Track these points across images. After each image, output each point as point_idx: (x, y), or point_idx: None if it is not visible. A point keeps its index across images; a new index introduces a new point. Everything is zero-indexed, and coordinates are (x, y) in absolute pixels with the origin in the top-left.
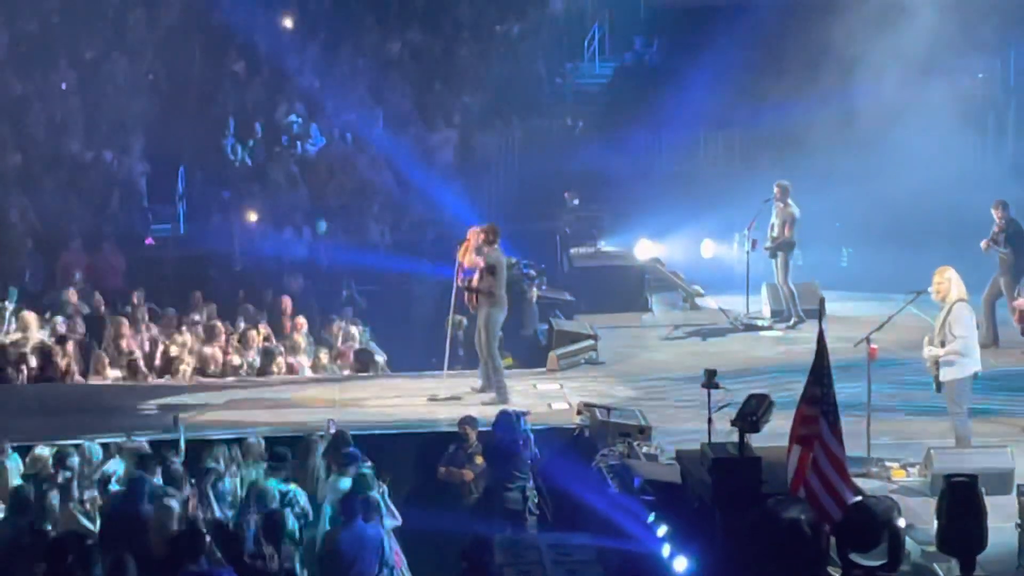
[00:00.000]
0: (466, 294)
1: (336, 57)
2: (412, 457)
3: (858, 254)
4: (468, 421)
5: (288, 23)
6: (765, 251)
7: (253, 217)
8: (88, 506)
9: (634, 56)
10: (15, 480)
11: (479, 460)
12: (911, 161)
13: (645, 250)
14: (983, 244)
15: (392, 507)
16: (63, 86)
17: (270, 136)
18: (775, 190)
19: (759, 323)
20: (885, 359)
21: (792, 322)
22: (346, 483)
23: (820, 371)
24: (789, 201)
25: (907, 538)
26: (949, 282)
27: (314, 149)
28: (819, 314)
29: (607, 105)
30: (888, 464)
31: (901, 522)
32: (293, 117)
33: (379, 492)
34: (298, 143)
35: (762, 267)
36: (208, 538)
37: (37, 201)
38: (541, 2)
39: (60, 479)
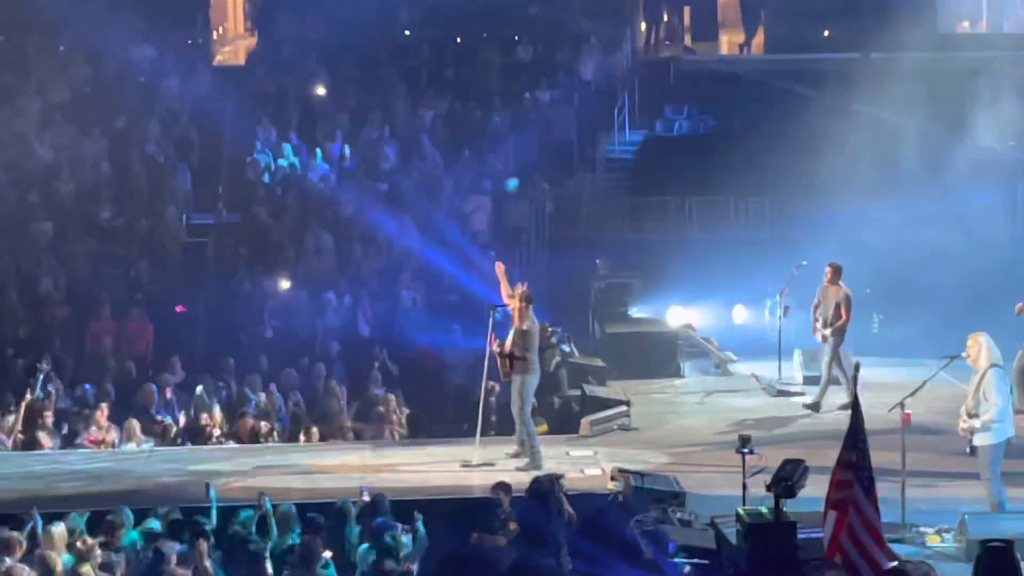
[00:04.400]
0: (499, 360)
1: (366, 124)
2: (445, 523)
3: (889, 320)
4: (502, 487)
5: (320, 90)
6: (823, 333)
7: (285, 284)
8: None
9: (664, 124)
10: (63, 551)
11: (513, 526)
12: (944, 225)
13: (677, 316)
14: (1018, 307)
15: None
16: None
17: (302, 203)
18: (827, 272)
19: (792, 389)
20: (918, 424)
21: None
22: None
23: (855, 436)
24: (841, 283)
25: None
26: (981, 347)
27: (344, 214)
28: (854, 379)
29: (637, 172)
30: (923, 529)
31: None
32: (322, 185)
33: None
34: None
35: (794, 333)
36: None
37: (68, 269)
38: (572, 70)
39: (94, 547)
